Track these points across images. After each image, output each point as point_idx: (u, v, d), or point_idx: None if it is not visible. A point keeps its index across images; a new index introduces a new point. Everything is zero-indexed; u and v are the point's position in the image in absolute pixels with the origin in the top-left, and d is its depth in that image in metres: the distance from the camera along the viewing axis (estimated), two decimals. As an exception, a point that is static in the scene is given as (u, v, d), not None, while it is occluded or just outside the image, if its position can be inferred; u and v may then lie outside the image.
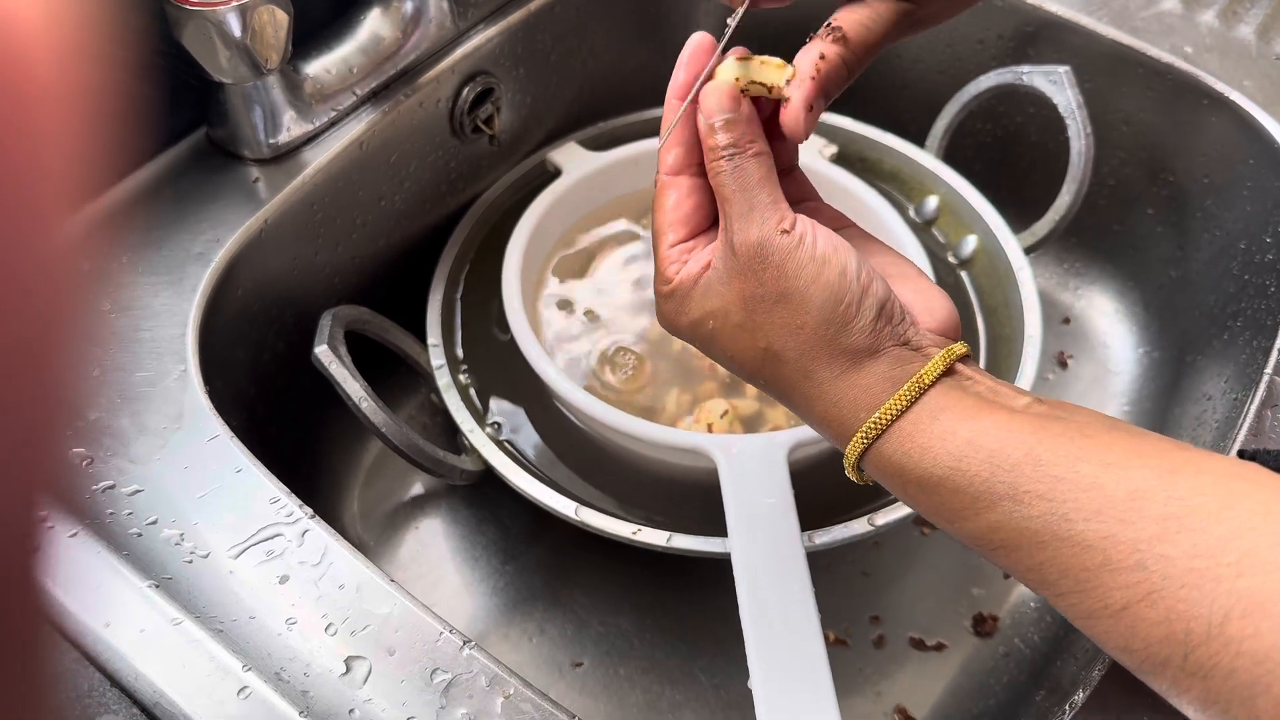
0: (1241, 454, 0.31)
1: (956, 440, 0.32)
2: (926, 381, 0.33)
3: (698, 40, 0.37)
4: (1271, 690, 0.26)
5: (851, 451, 0.34)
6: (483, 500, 0.65)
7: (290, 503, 0.43)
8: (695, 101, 0.37)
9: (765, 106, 0.37)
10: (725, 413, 0.57)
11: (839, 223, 0.39)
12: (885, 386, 0.34)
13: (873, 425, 0.34)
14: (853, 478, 0.36)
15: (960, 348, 0.35)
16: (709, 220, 0.38)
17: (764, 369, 0.36)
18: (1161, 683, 0.29)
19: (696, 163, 0.37)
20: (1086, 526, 0.29)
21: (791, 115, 0.35)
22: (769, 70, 0.36)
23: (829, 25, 0.35)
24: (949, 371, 0.34)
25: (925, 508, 0.34)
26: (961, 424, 0.32)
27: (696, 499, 0.54)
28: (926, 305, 0.36)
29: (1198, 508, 0.28)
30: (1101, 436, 0.31)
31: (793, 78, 0.35)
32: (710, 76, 0.37)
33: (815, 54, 0.35)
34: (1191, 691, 0.28)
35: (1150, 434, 0.31)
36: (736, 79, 0.36)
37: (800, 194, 0.39)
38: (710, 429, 0.56)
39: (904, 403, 0.33)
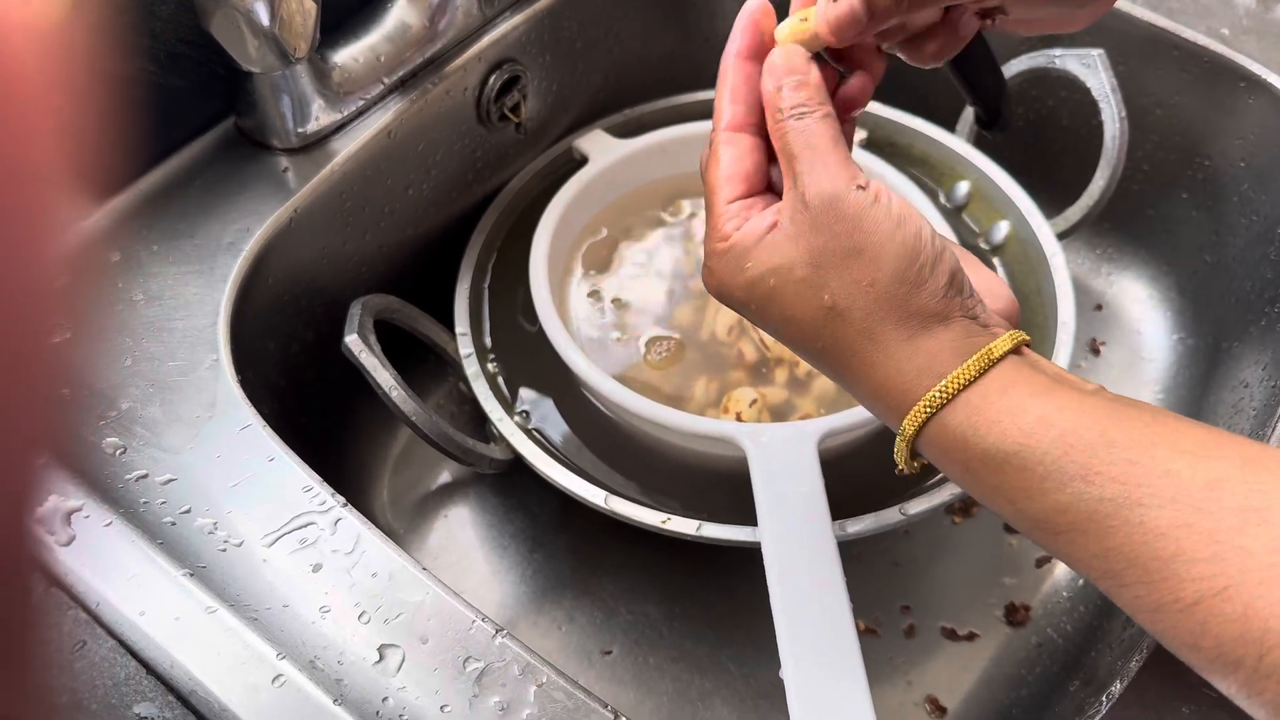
0: None
1: (1027, 416, 0.31)
2: (996, 354, 0.32)
3: (754, 5, 0.36)
4: None
5: (911, 422, 0.33)
6: (511, 488, 0.65)
7: (323, 491, 0.43)
8: (757, 62, 0.36)
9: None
10: (754, 401, 0.56)
11: None
12: (953, 355, 0.32)
13: (940, 392, 0.32)
14: (900, 458, 0.35)
15: (1025, 335, 0.34)
16: (767, 183, 0.36)
17: (824, 330, 0.34)
18: (1232, 684, 0.27)
19: (757, 123, 0.36)
20: (1161, 513, 0.28)
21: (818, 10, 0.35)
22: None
23: None
24: (1016, 352, 0.33)
25: (986, 487, 0.32)
26: (1032, 400, 0.31)
27: (725, 487, 0.54)
28: (990, 289, 0.35)
29: (1279, 500, 0.27)
30: (1175, 424, 0.30)
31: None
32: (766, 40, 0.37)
33: None
34: (1266, 694, 0.26)
35: (1221, 429, 0.30)
36: (793, 38, 0.36)
37: None
38: (739, 418, 0.56)
39: (974, 372, 0.32)
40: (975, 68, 0.47)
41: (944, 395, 0.32)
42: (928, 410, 0.32)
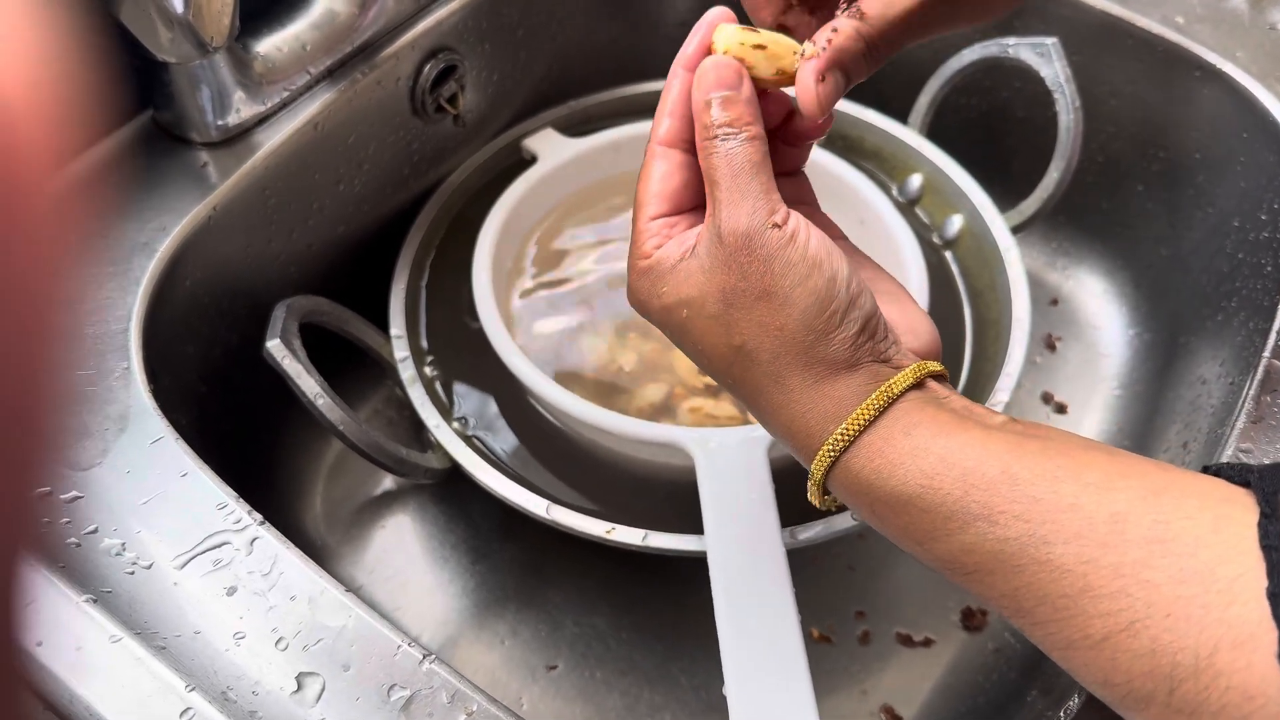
0: (1204, 469, 0.30)
1: (929, 457, 0.30)
2: (895, 391, 0.32)
3: (715, 13, 0.35)
4: None
5: (817, 467, 0.32)
6: (452, 497, 0.62)
7: (239, 509, 0.41)
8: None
9: (772, 107, 0.35)
10: (703, 408, 0.54)
11: (832, 233, 0.37)
12: (856, 400, 0.32)
13: (840, 436, 0.31)
14: (814, 500, 0.34)
15: (935, 365, 0.33)
16: (696, 200, 0.35)
17: (733, 368, 0.33)
18: None
19: (691, 138, 0.35)
20: (1066, 550, 0.28)
21: (801, 86, 0.33)
22: (779, 47, 0.33)
23: (849, 1, 0.33)
24: (921, 386, 0.32)
25: (894, 529, 0.32)
26: (934, 440, 0.31)
27: (675, 494, 0.52)
28: (910, 327, 0.34)
29: (1184, 531, 0.27)
30: (1080, 455, 0.29)
31: (805, 57, 0.33)
32: (710, 49, 0.34)
33: (829, 29, 0.33)
34: None
35: (1131, 454, 0.30)
36: (734, 52, 0.34)
37: (798, 196, 0.37)
38: (688, 424, 0.54)
39: (872, 412, 0.31)
40: None
41: (844, 439, 0.32)
42: (830, 455, 0.32)
